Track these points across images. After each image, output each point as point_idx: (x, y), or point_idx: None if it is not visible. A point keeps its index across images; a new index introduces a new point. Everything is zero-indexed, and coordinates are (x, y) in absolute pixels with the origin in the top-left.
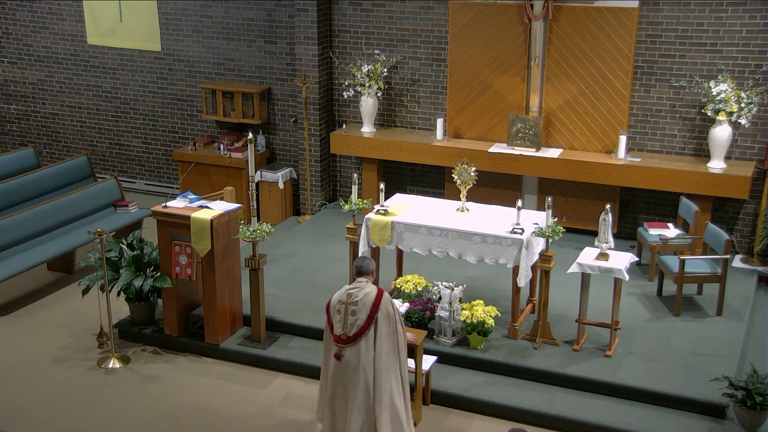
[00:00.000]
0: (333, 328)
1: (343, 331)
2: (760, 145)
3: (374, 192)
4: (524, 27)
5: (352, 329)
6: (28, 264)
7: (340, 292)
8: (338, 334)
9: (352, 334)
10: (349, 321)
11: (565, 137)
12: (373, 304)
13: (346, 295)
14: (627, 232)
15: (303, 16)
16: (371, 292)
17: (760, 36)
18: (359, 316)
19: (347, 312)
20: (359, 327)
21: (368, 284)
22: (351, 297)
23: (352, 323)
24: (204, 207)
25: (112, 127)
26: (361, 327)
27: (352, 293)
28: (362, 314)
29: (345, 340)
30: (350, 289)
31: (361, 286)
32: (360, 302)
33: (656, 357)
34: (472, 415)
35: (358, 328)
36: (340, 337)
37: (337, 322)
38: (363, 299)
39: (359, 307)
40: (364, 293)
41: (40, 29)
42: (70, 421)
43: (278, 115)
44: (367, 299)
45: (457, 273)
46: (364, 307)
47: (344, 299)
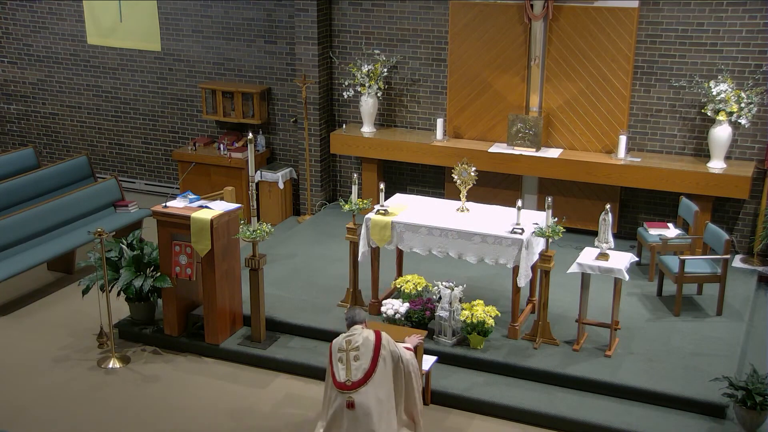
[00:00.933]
0: (335, 377)
1: (347, 377)
2: (760, 145)
3: (374, 192)
4: (524, 27)
5: (357, 374)
6: (28, 264)
7: (338, 340)
8: (343, 381)
9: (357, 379)
10: (353, 366)
11: (565, 137)
12: (375, 346)
13: (345, 342)
14: (627, 232)
15: (303, 16)
16: (369, 335)
17: (760, 36)
18: (362, 360)
19: (349, 358)
20: (364, 371)
21: (365, 329)
22: (351, 343)
23: (357, 368)
24: (204, 207)
25: (112, 127)
26: (366, 371)
27: (351, 339)
28: (365, 357)
29: (350, 386)
30: (348, 336)
31: (358, 331)
32: (361, 346)
33: (656, 357)
34: (472, 415)
35: (363, 372)
36: (345, 384)
37: (341, 369)
38: (363, 343)
39: (361, 351)
40: (363, 337)
41: (40, 29)
42: (70, 421)
43: (278, 115)
44: (367, 342)
45: (457, 273)
46: (366, 351)
47: (344, 347)
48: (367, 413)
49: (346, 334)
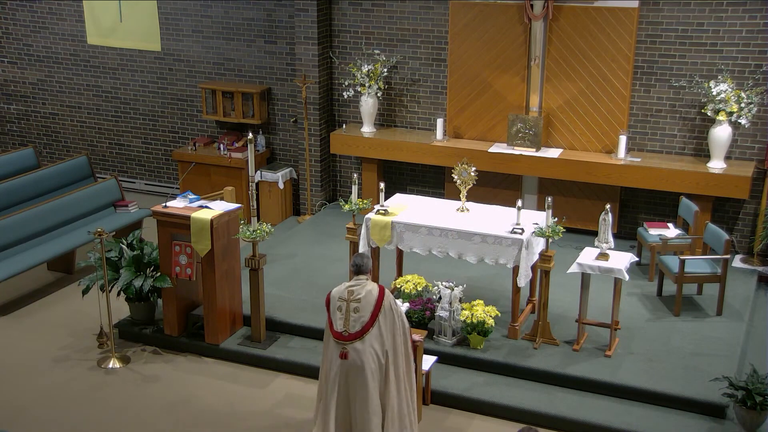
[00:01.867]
0: (333, 325)
1: (344, 327)
2: (760, 145)
3: (374, 192)
4: (524, 27)
5: (356, 326)
6: (28, 264)
7: (339, 288)
8: (339, 331)
9: (354, 331)
10: (352, 318)
11: (565, 137)
12: (377, 301)
13: (347, 292)
14: (627, 232)
15: (303, 16)
16: (373, 289)
17: (760, 36)
18: (362, 314)
19: (349, 309)
20: (363, 324)
21: (369, 281)
22: (353, 294)
23: (355, 320)
24: (204, 207)
25: (112, 127)
26: (365, 324)
27: (353, 290)
28: (365, 311)
29: (347, 337)
30: (351, 286)
31: (362, 283)
32: (363, 299)
33: (656, 357)
34: (472, 415)
35: (361, 325)
36: (341, 334)
37: (338, 318)
38: (366, 296)
39: (362, 304)
40: (366, 290)
41: (40, 29)
42: (70, 421)
43: (278, 115)
44: (370, 296)
45: (457, 273)
46: (367, 305)
47: (345, 296)
48: (361, 367)
49: (349, 283)
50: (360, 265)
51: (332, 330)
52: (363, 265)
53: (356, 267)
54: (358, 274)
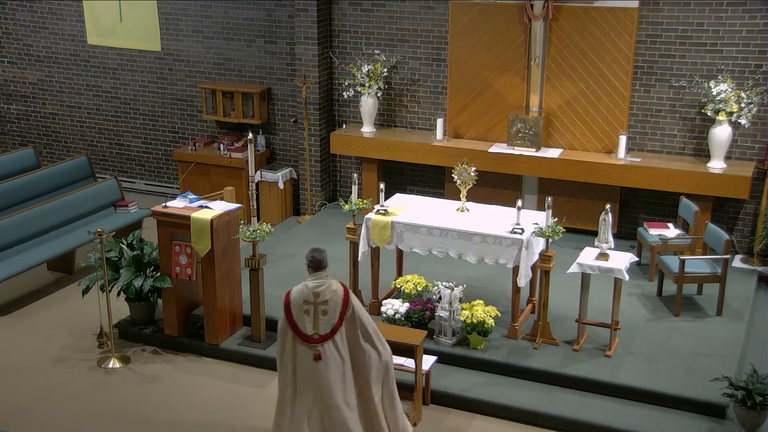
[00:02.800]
0: (299, 329)
1: (314, 330)
2: (760, 145)
3: (374, 192)
4: (524, 27)
5: (326, 328)
6: (28, 264)
7: (301, 290)
8: (309, 334)
9: (325, 333)
10: (321, 321)
11: (565, 137)
12: (343, 301)
13: (312, 295)
14: (627, 232)
15: (303, 16)
16: (338, 289)
17: (760, 36)
18: (331, 315)
19: (317, 311)
20: (332, 326)
21: (330, 280)
22: (319, 296)
23: (325, 322)
24: (204, 207)
25: (112, 127)
26: (334, 325)
27: (319, 292)
28: (334, 312)
29: (317, 339)
30: (316, 288)
31: (325, 283)
32: (330, 301)
33: (656, 357)
34: (472, 415)
35: (331, 326)
36: (312, 337)
37: (307, 322)
38: (333, 298)
39: (329, 306)
40: (332, 291)
41: (40, 29)
42: (70, 421)
43: (278, 115)
44: (336, 297)
45: (457, 273)
46: (335, 305)
47: (311, 299)
48: (334, 365)
49: (313, 285)
50: (320, 261)
51: (299, 333)
52: (322, 260)
53: (315, 262)
54: (317, 270)
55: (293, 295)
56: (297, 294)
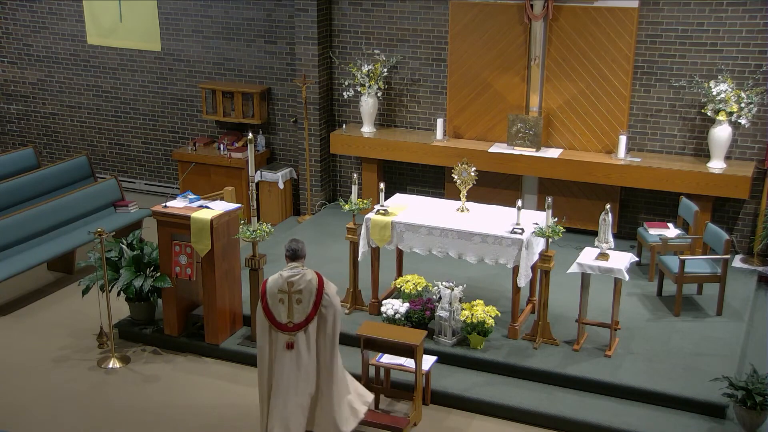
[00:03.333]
0: (274, 317)
1: (289, 319)
2: (760, 145)
3: (374, 192)
4: (524, 27)
5: (301, 317)
6: (28, 264)
7: (276, 280)
8: (284, 323)
9: (299, 321)
10: (295, 309)
11: (565, 137)
12: (317, 291)
13: (287, 284)
14: (627, 232)
15: (303, 16)
16: (312, 279)
17: (760, 36)
18: (305, 304)
19: (291, 300)
20: (307, 314)
21: (306, 270)
22: (293, 285)
23: (299, 311)
24: (204, 207)
25: (112, 127)
26: (309, 314)
27: (293, 281)
28: (308, 302)
29: (292, 327)
30: (290, 277)
31: (300, 273)
32: (304, 290)
33: (656, 357)
34: (472, 415)
35: (305, 315)
36: (286, 326)
37: (281, 311)
38: (307, 287)
39: (303, 295)
40: (306, 281)
41: (40, 29)
42: (70, 421)
43: (278, 115)
44: (310, 286)
45: (457, 273)
46: (309, 295)
47: (285, 288)
48: (306, 353)
49: (287, 275)
50: (296, 250)
51: (274, 322)
52: (299, 249)
53: (292, 252)
54: (294, 260)
55: (269, 284)
56: (272, 283)
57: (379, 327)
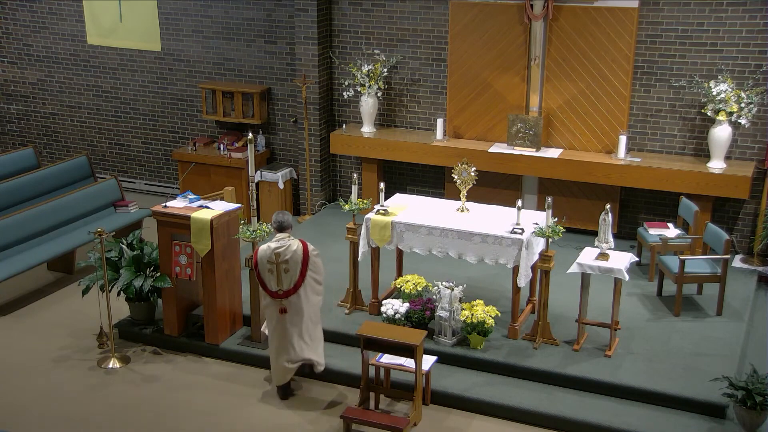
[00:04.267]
0: (266, 285)
1: (278, 287)
2: (760, 145)
3: (374, 192)
4: (524, 27)
5: (289, 284)
6: (28, 264)
7: (265, 251)
8: (274, 290)
9: (288, 288)
10: (284, 278)
11: (565, 137)
12: (303, 259)
13: (274, 255)
14: (627, 232)
15: (303, 16)
16: (298, 248)
17: (760, 36)
18: (292, 273)
19: (279, 270)
20: (295, 282)
21: (291, 239)
22: (280, 256)
23: (287, 279)
24: (204, 207)
25: (112, 127)
26: (296, 282)
27: (279, 252)
28: (295, 270)
29: (282, 294)
30: (277, 248)
31: (285, 244)
32: (290, 260)
33: (656, 357)
34: (472, 415)
35: (293, 282)
36: (277, 293)
37: (271, 280)
38: (292, 257)
39: (290, 264)
40: (292, 251)
41: (40, 29)
42: (70, 421)
43: (278, 115)
44: (296, 256)
45: (457, 273)
46: (295, 264)
47: (273, 259)
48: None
49: (274, 246)
50: (282, 222)
51: (266, 290)
52: (285, 221)
53: (278, 224)
54: (280, 231)
55: (259, 255)
56: (262, 254)
57: (379, 327)
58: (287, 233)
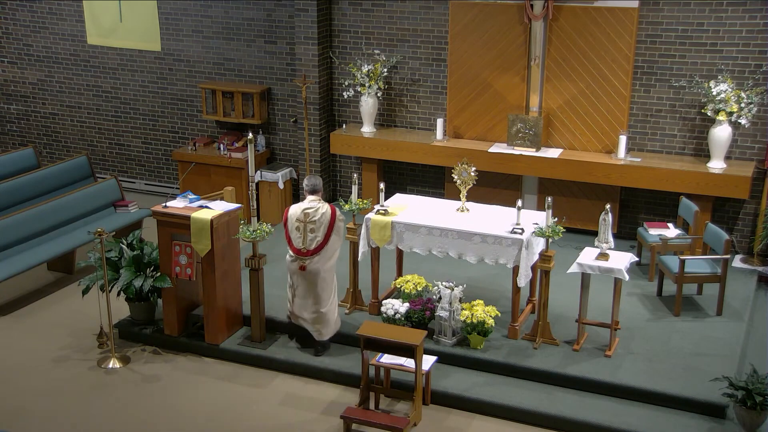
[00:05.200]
0: (291, 242)
1: (303, 245)
2: (760, 145)
3: (374, 192)
4: (524, 27)
5: (312, 244)
6: (28, 264)
7: (296, 209)
8: (299, 248)
9: (312, 248)
10: (308, 237)
11: (565, 137)
12: (330, 222)
13: (303, 215)
14: (627, 232)
15: (303, 16)
16: (326, 211)
17: (760, 36)
18: (317, 234)
19: (306, 229)
20: (318, 243)
21: (322, 203)
22: (308, 216)
23: (312, 239)
24: (204, 207)
25: (112, 127)
26: (320, 243)
27: (309, 213)
28: (320, 232)
29: (305, 253)
30: (307, 209)
31: (315, 206)
32: (318, 221)
33: (656, 357)
34: (472, 415)
35: (317, 244)
36: (300, 251)
37: (296, 238)
38: (320, 219)
39: (317, 225)
40: (321, 213)
41: (40, 29)
42: (70, 421)
43: (278, 115)
44: (324, 218)
45: (457, 273)
46: (321, 226)
47: (302, 218)
48: (315, 277)
49: (305, 205)
50: (314, 185)
51: (292, 247)
52: (317, 184)
53: (311, 187)
54: (312, 194)
55: (290, 212)
56: (292, 212)
57: (379, 327)
58: (318, 196)
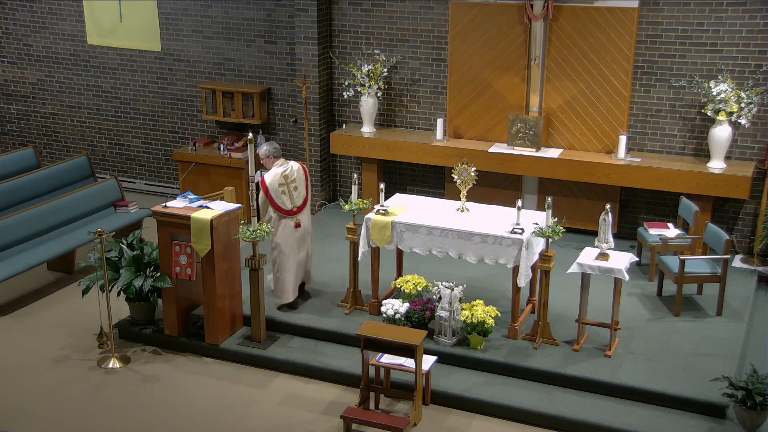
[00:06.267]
0: (281, 207)
1: (293, 204)
2: (760, 145)
3: (374, 192)
4: (524, 27)
5: (299, 200)
6: (28, 264)
7: (274, 176)
8: (290, 208)
9: (299, 204)
10: (295, 195)
11: (565, 137)
12: (305, 176)
13: (282, 177)
14: (627, 232)
15: (303, 16)
16: (299, 167)
17: (760, 36)
18: (300, 190)
19: (290, 189)
20: (303, 197)
21: (289, 161)
22: (288, 177)
23: (298, 196)
24: (204, 207)
25: (112, 127)
26: (305, 197)
27: (287, 174)
28: (301, 186)
29: (296, 211)
30: (284, 172)
31: (289, 166)
32: (297, 179)
33: (656, 357)
34: (472, 415)
35: (302, 198)
36: (292, 210)
37: (286, 200)
38: (298, 175)
39: (298, 182)
40: (295, 170)
41: (40, 29)
42: (70, 421)
43: (278, 115)
44: (300, 174)
45: (457, 273)
46: (300, 181)
47: (284, 181)
48: (307, 228)
49: (282, 170)
50: (278, 148)
51: (283, 210)
52: (279, 147)
53: (277, 151)
54: (279, 158)
55: (269, 182)
56: (272, 180)
57: (379, 327)
58: (283, 159)
